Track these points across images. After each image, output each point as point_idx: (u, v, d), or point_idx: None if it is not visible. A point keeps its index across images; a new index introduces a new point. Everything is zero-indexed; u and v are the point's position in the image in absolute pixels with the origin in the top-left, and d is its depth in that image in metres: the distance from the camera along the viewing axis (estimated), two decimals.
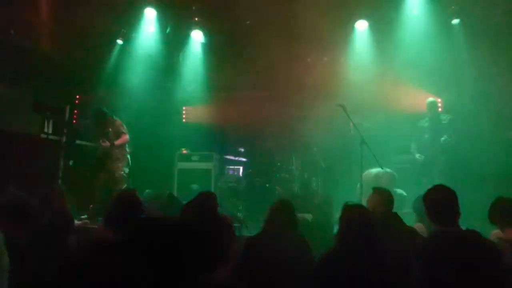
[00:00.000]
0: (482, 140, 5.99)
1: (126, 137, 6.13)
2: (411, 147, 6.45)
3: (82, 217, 5.67)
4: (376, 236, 2.43)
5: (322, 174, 7.38)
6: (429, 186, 2.86)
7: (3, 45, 5.89)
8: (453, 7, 6.39)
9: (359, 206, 2.61)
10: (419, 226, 3.36)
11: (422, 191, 4.21)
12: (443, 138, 5.90)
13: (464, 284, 2.30)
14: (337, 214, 4.82)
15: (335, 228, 4.90)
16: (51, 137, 6.75)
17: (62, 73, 6.99)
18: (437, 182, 5.61)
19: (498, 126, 6.08)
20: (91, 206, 5.81)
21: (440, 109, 6.30)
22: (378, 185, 4.24)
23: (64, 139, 7.06)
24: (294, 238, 3.08)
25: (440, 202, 2.68)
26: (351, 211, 2.55)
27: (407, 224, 3.33)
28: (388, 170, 6.04)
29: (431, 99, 6.18)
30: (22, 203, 3.05)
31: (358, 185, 5.69)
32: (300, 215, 5.04)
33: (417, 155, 6.30)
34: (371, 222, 2.48)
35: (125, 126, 6.18)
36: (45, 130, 6.64)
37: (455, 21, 6.47)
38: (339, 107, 5.65)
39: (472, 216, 4.86)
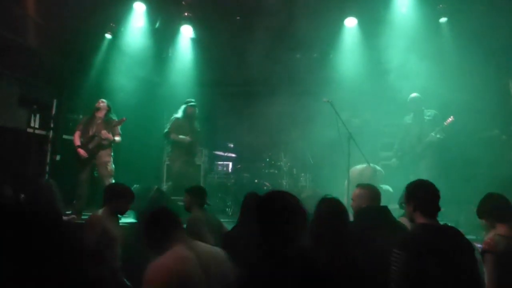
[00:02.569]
0: (467, 137, 6.08)
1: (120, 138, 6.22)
2: (393, 147, 6.51)
3: (68, 212, 5.63)
4: (344, 230, 2.43)
5: (311, 170, 7.43)
6: None
7: None
8: (441, 5, 6.46)
9: (330, 200, 2.59)
10: (403, 220, 3.40)
11: None
12: (432, 134, 5.94)
13: (447, 277, 2.35)
14: None
15: None
16: (37, 131, 6.69)
17: (49, 66, 6.89)
18: (424, 177, 5.70)
19: (481, 124, 6.17)
20: (74, 201, 5.76)
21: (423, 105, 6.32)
22: (362, 181, 4.30)
23: (51, 133, 7.01)
24: None
25: (428, 195, 2.72)
26: (323, 204, 2.55)
27: None
28: (372, 165, 6.09)
29: (414, 94, 6.22)
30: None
31: (346, 182, 5.73)
32: None
33: (393, 160, 6.38)
34: (340, 214, 2.48)
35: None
36: (32, 124, 6.57)
37: (443, 20, 6.54)
38: (327, 102, 5.67)
39: (458, 211, 4.98)
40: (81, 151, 5.86)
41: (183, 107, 6.81)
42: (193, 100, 6.93)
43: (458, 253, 2.41)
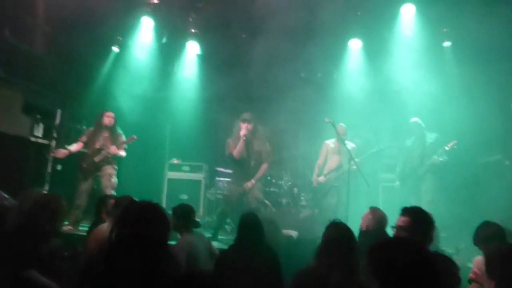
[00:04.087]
0: (469, 162, 6.02)
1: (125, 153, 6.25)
2: (396, 170, 6.47)
3: (65, 222, 5.59)
4: (352, 257, 2.40)
5: (312, 190, 7.35)
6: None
7: None
8: (444, 29, 6.50)
9: (338, 224, 2.58)
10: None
11: None
12: (435, 157, 5.88)
13: None
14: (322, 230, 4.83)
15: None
16: (40, 140, 6.70)
17: (55, 76, 6.96)
18: (424, 200, 5.64)
19: (484, 148, 6.13)
20: (72, 211, 5.74)
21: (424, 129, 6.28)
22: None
23: (54, 143, 7.02)
24: (263, 251, 3.11)
25: None
26: (330, 228, 2.54)
27: None
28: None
29: (415, 119, 6.19)
30: None
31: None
32: (285, 232, 5.03)
33: (397, 183, 6.38)
34: (348, 240, 2.46)
35: None
36: (35, 133, 6.60)
37: (447, 44, 6.58)
38: (328, 122, 5.68)
39: (459, 237, 4.89)
40: (60, 152, 5.88)
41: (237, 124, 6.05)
42: (247, 115, 6.00)
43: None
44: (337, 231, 2.50)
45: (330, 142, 6.49)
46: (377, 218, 3.30)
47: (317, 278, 2.29)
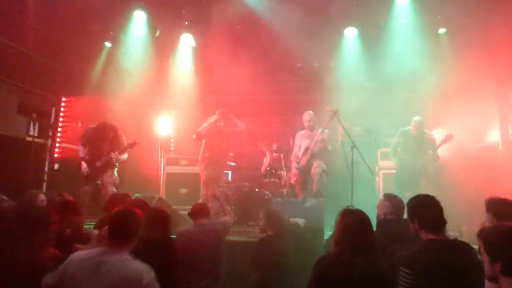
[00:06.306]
0: (468, 147, 6.10)
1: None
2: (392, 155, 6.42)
3: None
4: (373, 241, 2.46)
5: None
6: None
7: None
8: (439, 16, 6.54)
9: (354, 211, 2.63)
10: None
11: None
12: (430, 152, 5.82)
13: None
14: (328, 219, 4.87)
15: (326, 233, 4.98)
16: (36, 140, 6.62)
17: (49, 75, 6.86)
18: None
19: (482, 134, 6.21)
20: None
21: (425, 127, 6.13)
22: None
23: (49, 142, 6.94)
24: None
25: (431, 211, 2.61)
26: (346, 214, 2.57)
27: None
28: None
29: (417, 118, 5.98)
30: None
31: None
32: (292, 220, 5.07)
33: (395, 159, 6.15)
34: (368, 226, 2.50)
35: None
36: (31, 132, 6.52)
37: (442, 30, 6.63)
38: (332, 112, 5.67)
39: (461, 220, 4.97)
40: (84, 165, 5.83)
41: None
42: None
43: (466, 270, 2.35)
44: (355, 216, 2.54)
45: (301, 132, 6.66)
46: (396, 204, 3.21)
47: (342, 263, 2.35)
